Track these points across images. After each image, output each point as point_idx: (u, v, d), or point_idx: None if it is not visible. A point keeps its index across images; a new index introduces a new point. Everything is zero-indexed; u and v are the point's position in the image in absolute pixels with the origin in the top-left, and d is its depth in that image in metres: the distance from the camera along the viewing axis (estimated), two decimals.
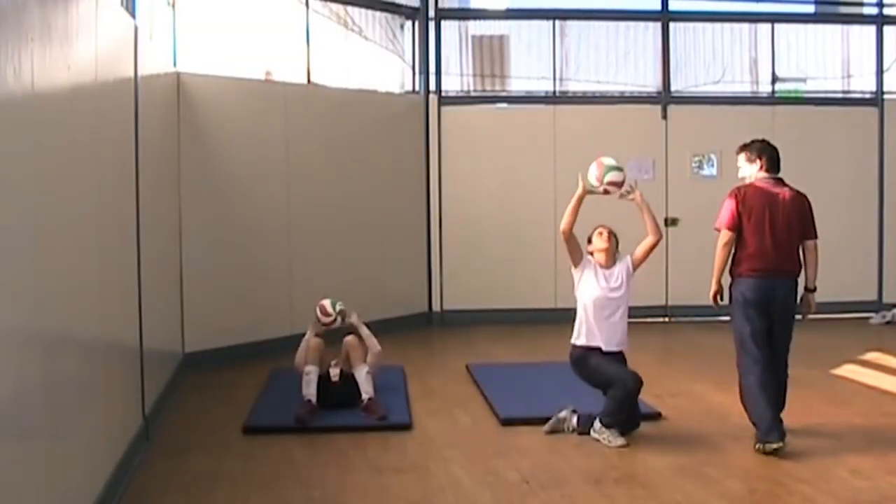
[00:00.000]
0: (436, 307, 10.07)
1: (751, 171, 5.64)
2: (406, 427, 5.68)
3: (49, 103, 3.32)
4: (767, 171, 5.63)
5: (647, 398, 6.26)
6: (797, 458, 4.97)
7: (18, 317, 2.92)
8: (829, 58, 10.91)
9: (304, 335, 6.39)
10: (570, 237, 5.50)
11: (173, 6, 7.70)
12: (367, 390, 5.87)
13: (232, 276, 7.94)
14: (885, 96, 10.58)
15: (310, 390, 5.81)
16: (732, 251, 5.44)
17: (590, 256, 5.63)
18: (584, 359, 5.51)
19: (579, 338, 5.54)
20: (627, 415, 5.39)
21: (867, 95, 10.80)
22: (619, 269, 5.57)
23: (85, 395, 3.91)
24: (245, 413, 5.97)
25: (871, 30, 10.75)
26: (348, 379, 6.01)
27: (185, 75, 7.67)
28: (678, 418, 5.90)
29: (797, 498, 4.36)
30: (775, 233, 5.39)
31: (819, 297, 10.90)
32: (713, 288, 5.61)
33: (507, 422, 5.77)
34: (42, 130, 3.22)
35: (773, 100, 10.70)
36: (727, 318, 5.57)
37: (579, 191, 5.47)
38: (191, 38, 7.92)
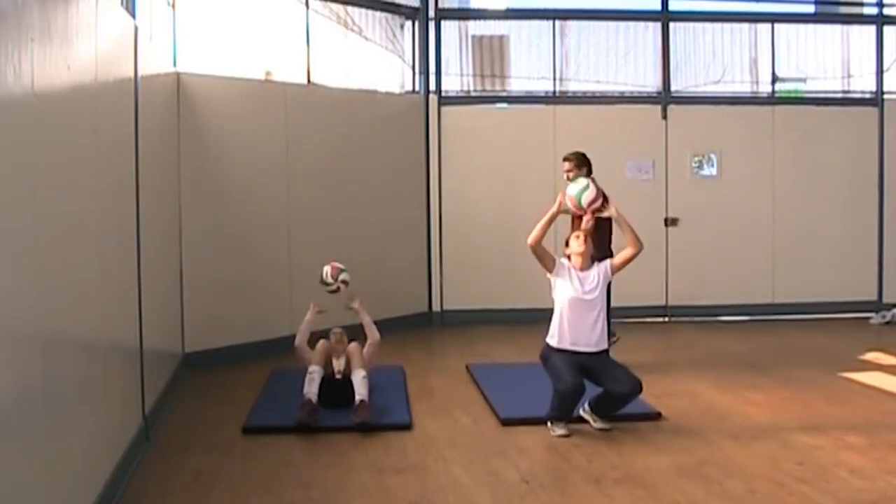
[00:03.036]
0: (436, 307, 10.07)
1: (583, 174, 7.07)
2: (406, 427, 5.68)
3: (49, 103, 3.31)
4: (590, 175, 7.11)
5: (647, 398, 6.27)
6: (797, 458, 4.97)
7: (18, 317, 2.92)
8: (829, 58, 10.90)
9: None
10: (537, 248, 5.64)
11: (173, 6, 7.70)
12: (360, 392, 5.83)
13: (232, 276, 7.93)
14: (885, 96, 10.58)
15: (311, 389, 5.79)
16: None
17: (565, 260, 5.73)
18: (550, 356, 5.65)
19: (553, 338, 5.67)
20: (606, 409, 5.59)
21: (867, 95, 10.79)
22: (596, 273, 5.67)
23: (85, 395, 3.91)
24: (245, 413, 5.97)
25: (871, 30, 10.75)
26: (349, 380, 6.00)
27: (185, 75, 7.67)
28: (678, 418, 5.90)
29: (797, 498, 4.36)
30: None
31: (819, 297, 11.01)
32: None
33: (507, 422, 5.77)
34: (42, 130, 3.22)
35: (773, 100, 10.70)
36: (727, 317, 5.81)
37: (554, 208, 5.70)
38: (191, 38, 7.92)
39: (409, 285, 9.85)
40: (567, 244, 5.77)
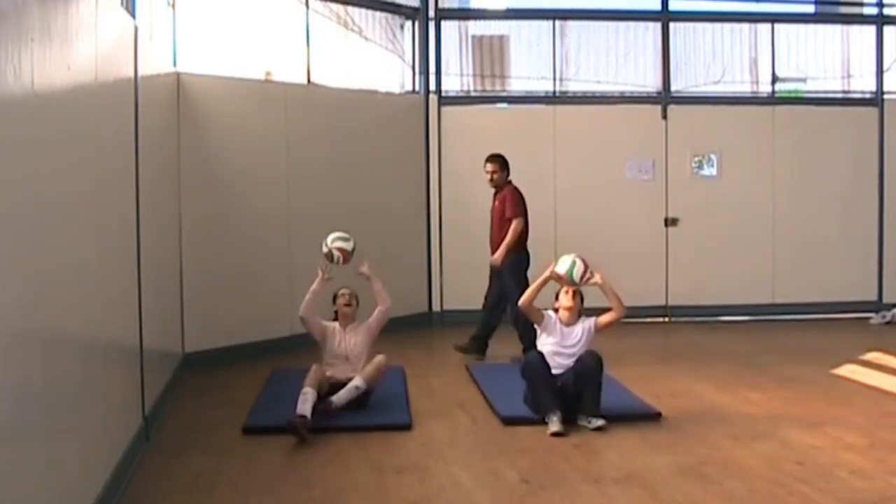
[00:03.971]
0: (436, 307, 10.07)
1: (505, 176, 7.92)
2: (406, 427, 5.68)
3: (49, 103, 3.31)
4: (508, 175, 7.94)
5: (648, 398, 6.27)
6: (797, 458, 4.97)
7: (18, 317, 2.92)
8: (829, 58, 10.91)
9: (304, 335, 6.42)
10: (527, 308, 5.98)
11: (173, 6, 7.70)
12: (340, 395, 5.79)
13: (232, 275, 7.93)
14: (885, 96, 10.58)
15: (305, 408, 5.62)
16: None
17: (552, 312, 5.99)
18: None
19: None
20: (585, 398, 5.64)
21: (867, 95, 10.80)
22: (580, 329, 5.93)
23: (85, 395, 3.91)
24: (245, 413, 5.97)
25: (871, 30, 10.75)
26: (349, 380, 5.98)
27: (185, 75, 7.66)
28: (678, 418, 5.90)
29: (797, 498, 4.36)
30: (529, 218, 7.85)
31: (819, 297, 10.99)
32: (503, 257, 7.73)
33: (508, 422, 5.77)
34: (42, 130, 3.22)
35: (773, 100, 10.70)
36: (727, 317, 5.84)
37: (546, 273, 5.96)
38: (191, 38, 7.92)
39: (409, 285, 9.83)
40: (557, 297, 6.03)
